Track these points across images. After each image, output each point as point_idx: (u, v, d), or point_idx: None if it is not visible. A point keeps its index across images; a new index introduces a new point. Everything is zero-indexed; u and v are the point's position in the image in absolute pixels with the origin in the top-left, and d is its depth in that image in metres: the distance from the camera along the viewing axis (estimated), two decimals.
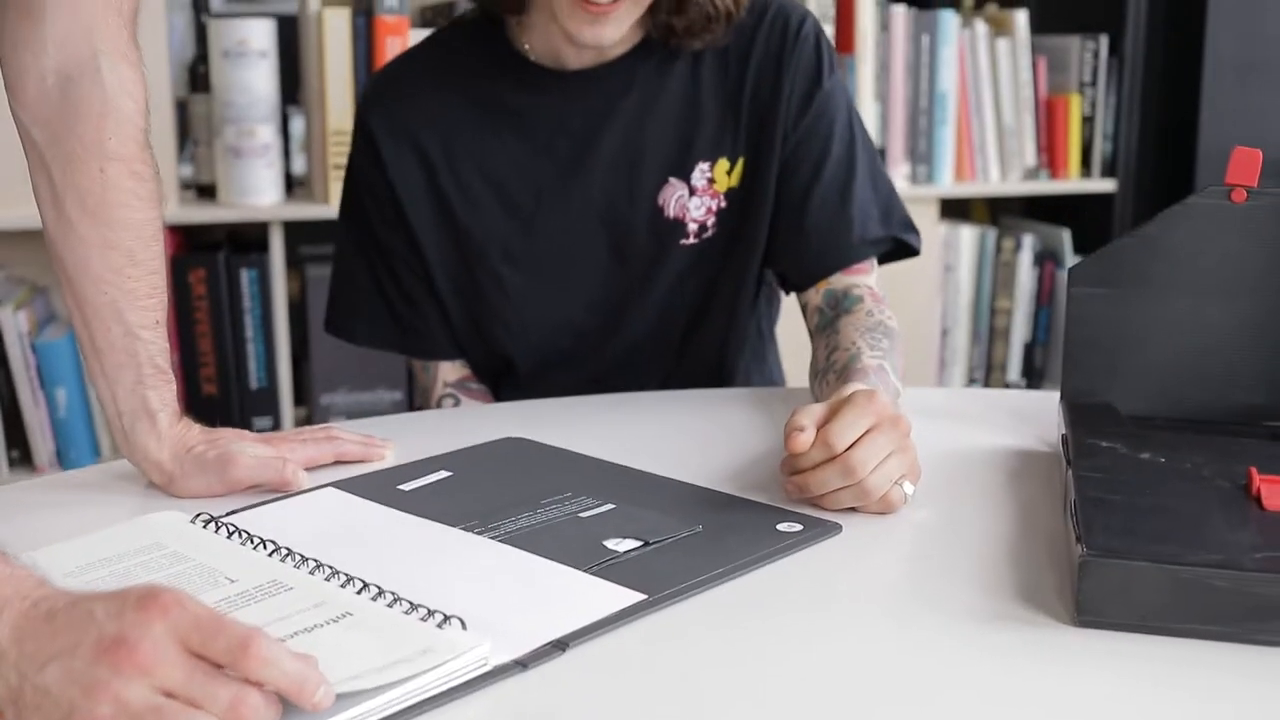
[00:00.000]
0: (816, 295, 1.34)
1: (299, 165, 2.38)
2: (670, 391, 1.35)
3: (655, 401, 1.31)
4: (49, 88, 1.02)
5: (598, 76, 1.31)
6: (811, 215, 1.33)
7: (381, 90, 1.35)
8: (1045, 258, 2.59)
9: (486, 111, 1.32)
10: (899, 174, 2.43)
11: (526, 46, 1.31)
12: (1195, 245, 1.16)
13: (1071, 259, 2.59)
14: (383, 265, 1.35)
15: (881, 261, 1.38)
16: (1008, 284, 2.58)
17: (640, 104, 1.31)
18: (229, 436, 1.08)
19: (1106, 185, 2.57)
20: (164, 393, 1.06)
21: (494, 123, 1.32)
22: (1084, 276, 1.19)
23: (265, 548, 0.88)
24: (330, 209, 2.16)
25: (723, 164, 1.33)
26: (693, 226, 1.34)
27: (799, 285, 1.36)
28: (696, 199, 1.33)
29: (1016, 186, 2.54)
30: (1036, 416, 1.23)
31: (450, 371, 1.38)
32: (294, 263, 2.30)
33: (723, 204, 1.34)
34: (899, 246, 1.37)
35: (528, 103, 1.31)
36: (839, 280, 1.34)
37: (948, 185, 2.48)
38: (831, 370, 1.21)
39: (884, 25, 2.38)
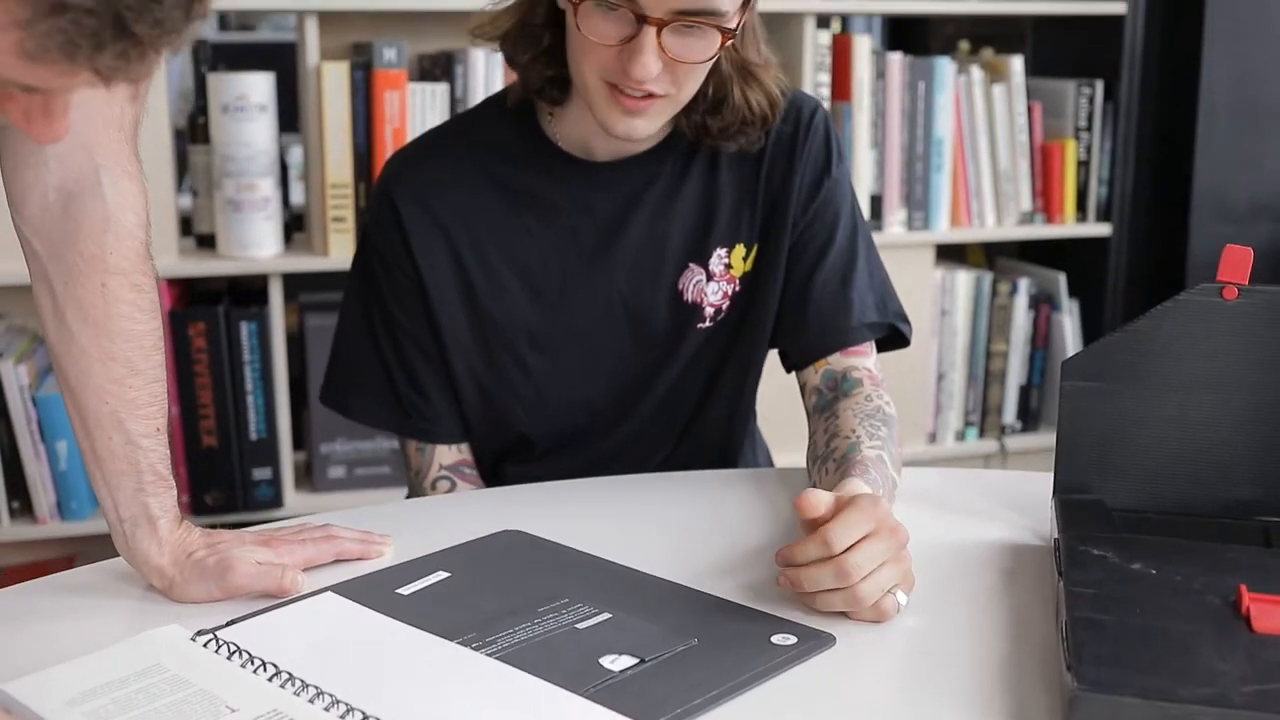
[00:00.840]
0: (815, 375, 1.36)
1: (297, 194, 2.38)
2: (672, 474, 1.37)
3: (656, 485, 1.32)
4: (51, 203, 1.03)
5: (624, 167, 1.33)
6: (814, 297, 1.35)
7: (409, 171, 1.35)
8: (1041, 301, 2.61)
9: (514, 197, 1.33)
10: (895, 220, 2.45)
11: (556, 134, 1.33)
12: (1186, 341, 1.17)
13: (1068, 302, 2.61)
14: (390, 345, 1.36)
15: (878, 350, 1.40)
16: (1003, 327, 2.59)
17: (664, 194, 1.34)
18: (229, 541, 1.09)
19: (1102, 229, 2.58)
20: (165, 499, 1.07)
21: (521, 209, 1.33)
22: (1076, 370, 1.20)
23: (265, 670, 0.89)
24: (329, 260, 2.17)
25: (739, 250, 1.36)
26: (709, 310, 1.36)
27: (799, 364, 1.38)
28: (714, 284, 1.36)
29: (1012, 231, 2.55)
30: (1029, 504, 1.24)
31: (447, 455, 1.39)
32: (293, 310, 2.31)
33: (737, 288, 1.37)
34: (892, 335, 1.39)
35: (555, 191, 1.33)
36: (838, 361, 1.36)
37: (944, 231, 2.49)
38: (831, 458, 1.22)
39: (880, 73, 2.39)
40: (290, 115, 2.30)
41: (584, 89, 1.24)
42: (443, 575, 1.08)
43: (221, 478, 2.15)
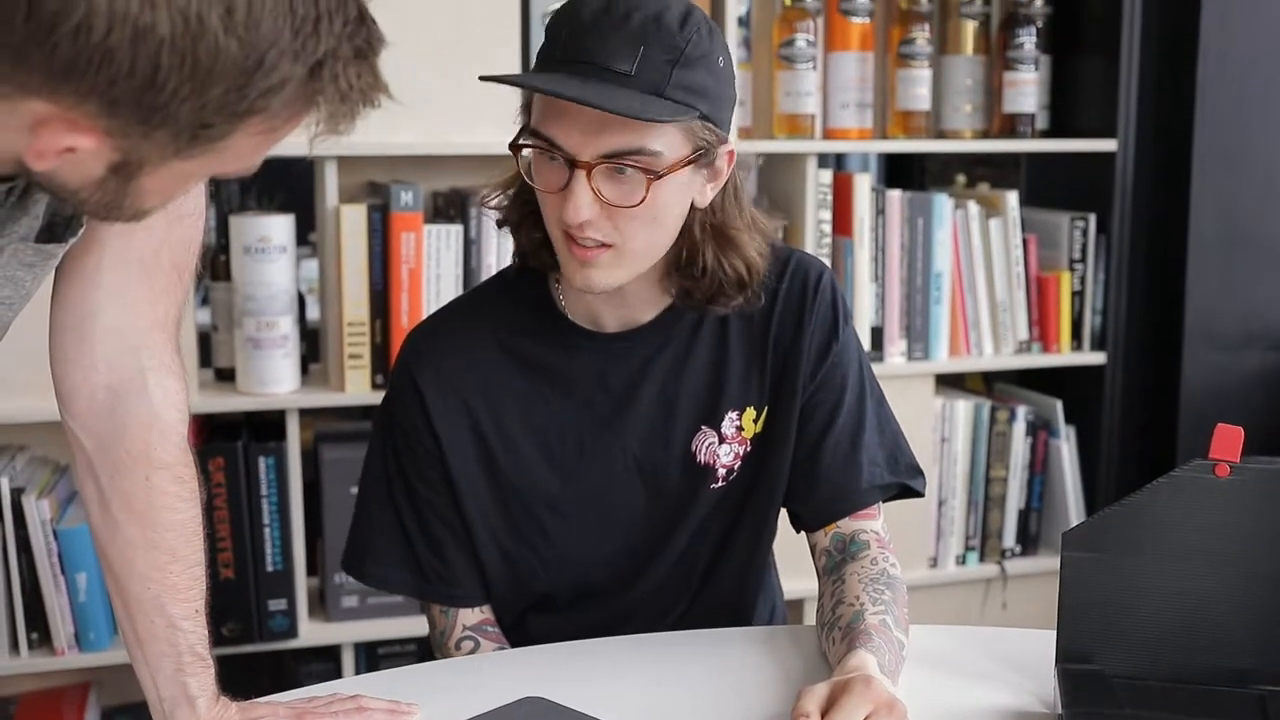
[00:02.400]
0: (825, 538, 1.41)
1: (313, 311, 2.44)
2: (688, 632, 1.41)
3: (672, 645, 1.36)
4: (99, 403, 1.08)
5: (634, 337, 1.38)
6: (824, 462, 1.40)
7: (428, 347, 1.40)
8: (1039, 427, 2.66)
9: (529, 369, 1.38)
10: (895, 351, 2.51)
11: (564, 304, 1.38)
12: (1181, 515, 1.23)
13: (1065, 428, 2.66)
14: (412, 515, 1.40)
15: (887, 500, 1.45)
16: (1002, 453, 2.64)
17: (674, 361, 1.39)
18: (263, 714, 1.13)
19: (1097, 358, 2.64)
20: (203, 679, 1.11)
21: (536, 379, 1.38)
22: (1076, 542, 1.25)
23: None
24: (345, 396, 2.23)
25: (750, 413, 1.40)
26: (722, 471, 1.41)
27: (809, 527, 1.43)
28: (726, 446, 1.40)
29: (1010, 360, 2.61)
30: (1032, 666, 1.28)
31: (470, 616, 1.42)
32: (307, 428, 2.36)
33: (749, 449, 1.41)
34: (904, 489, 1.44)
35: (569, 362, 1.38)
36: (847, 525, 1.41)
37: (943, 361, 2.55)
38: (837, 626, 1.27)
39: (880, 209, 2.47)
40: (305, 221, 2.35)
41: (555, 243, 1.29)
42: None
43: (238, 609, 2.18)
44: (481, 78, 1.23)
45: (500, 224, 1.38)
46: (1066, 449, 2.66)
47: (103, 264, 1.05)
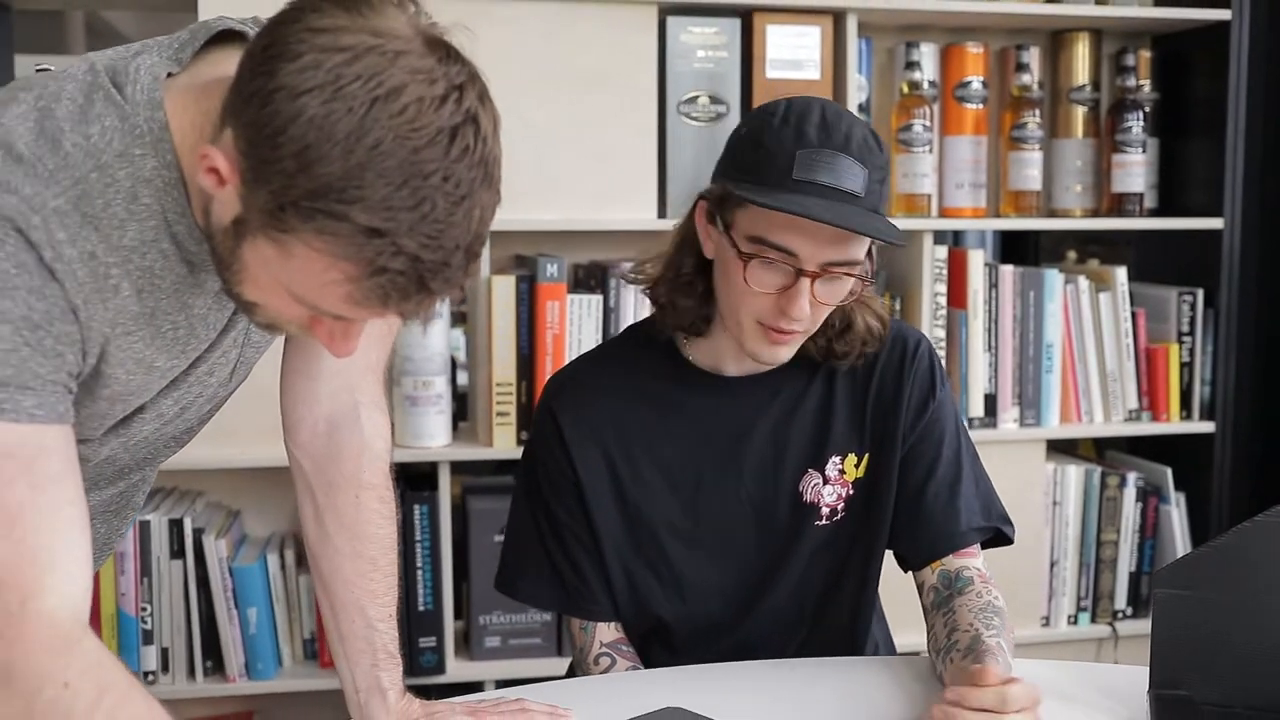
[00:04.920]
0: (932, 575, 1.56)
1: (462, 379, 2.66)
2: (810, 659, 1.56)
3: (795, 670, 1.51)
4: (319, 433, 1.28)
5: (752, 383, 1.56)
6: (926, 506, 1.56)
7: (568, 390, 1.59)
8: (1149, 493, 2.75)
9: (657, 408, 1.57)
10: (1009, 418, 2.63)
11: (690, 355, 1.57)
12: (1265, 555, 1.35)
13: (1174, 495, 2.75)
14: (554, 538, 1.58)
15: (984, 547, 1.59)
16: (1113, 517, 2.74)
17: (785, 408, 1.57)
18: (443, 711, 1.30)
19: (1206, 427, 2.74)
20: (394, 674, 1.29)
21: (663, 417, 1.57)
22: (1166, 580, 1.38)
23: None
24: (493, 450, 2.43)
25: (851, 458, 1.57)
26: (825, 510, 1.57)
27: (915, 565, 1.58)
28: (829, 487, 1.56)
29: (1119, 428, 2.72)
30: (1126, 695, 1.40)
31: (606, 632, 1.59)
32: (456, 484, 2.56)
33: (851, 492, 1.57)
34: (997, 535, 1.59)
35: (692, 402, 1.56)
36: (951, 562, 1.55)
37: (1054, 428, 2.67)
38: (955, 649, 1.41)
39: (993, 283, 2.61)
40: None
41: (737, 327, 1.48)
42: None
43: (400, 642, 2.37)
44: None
45: (648, 294, 1.57)
46: (1177, 514, 2.75)
47: None
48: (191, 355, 1.15)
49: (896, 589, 1.66)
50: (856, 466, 1.57)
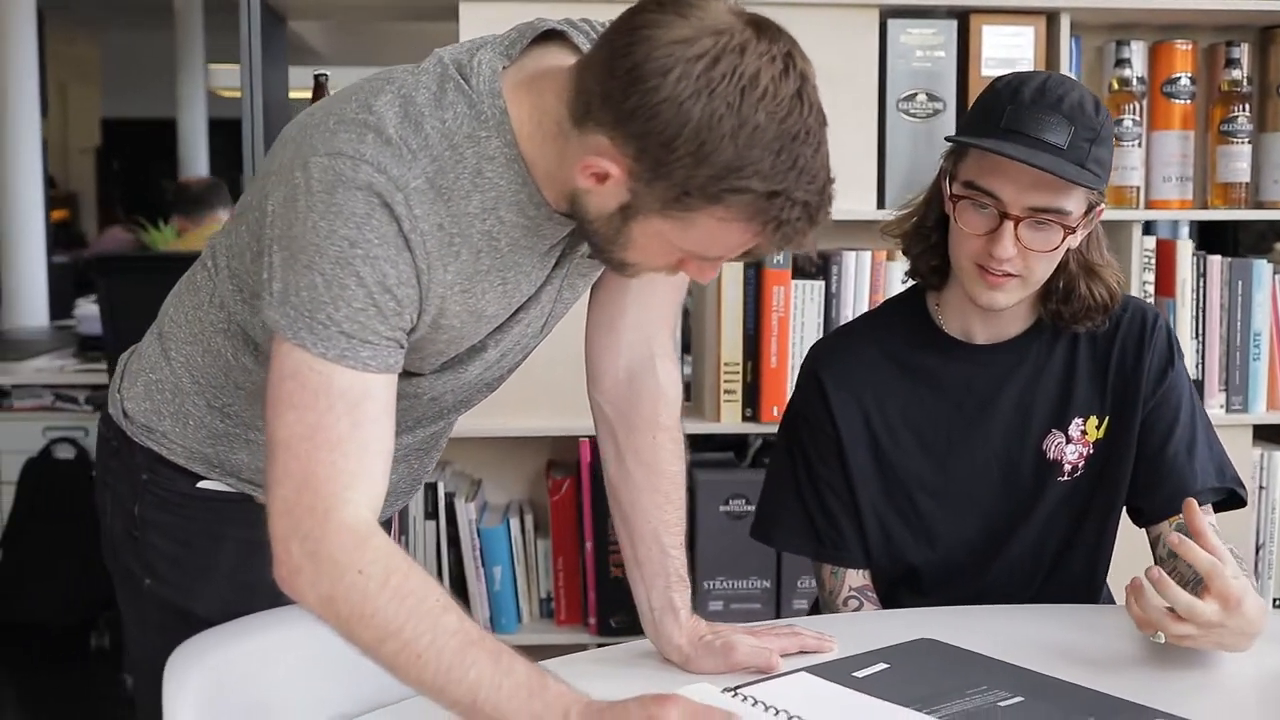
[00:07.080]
0: (1169, 527, 1.67)
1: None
2: (1045, 605, 1.69)
3: (1033, 613, 1.64)
4: (620, 380, 1.47)
5: (998, 350, 1.71)
6: (1165, 465, 1.69)
7: (831, 355, 1.77)
8: None
9: (911, 373, 1.73)
10: (1215, 404, 2.70)
11: (941, 320, 1.72)
12: None
13: None
14: (811, 490, 1.74)
15: (1216, 510, 1.71)
16: None
17: (1031, 372, 1.71)
18: (725, 631, 1.47)
19: None
20: (684, 595, 1.47)
21: (916, 381, 1.72)
22: None
23: (778, 715, 1.26)
24: (720, 425, 2.60)
25: (1093, 420, 1.71)
26: (1067, 467, 1.71)
27: (1150, 520, 1.70)
28: (1071, 446, 1.70)
29: None
30: None
31: (855, 578, 1.75)
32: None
33: (1091, 451, 1.71)
34: (1230, 498, 1.71)
35: (943, 368, 1.72)
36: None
37: (1261, 413, 2.73)
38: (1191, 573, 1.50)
39: (1201, 273, 2.69)
40: None
41: (959, 269, 1.63)
42: (883, 666, 1.44)
43: (627, 604, 2.54)
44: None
45: (904, 250, 1.73)
46: None
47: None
48: (514, 306, 1.34)
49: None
50: (1098, 428, 1.71)
